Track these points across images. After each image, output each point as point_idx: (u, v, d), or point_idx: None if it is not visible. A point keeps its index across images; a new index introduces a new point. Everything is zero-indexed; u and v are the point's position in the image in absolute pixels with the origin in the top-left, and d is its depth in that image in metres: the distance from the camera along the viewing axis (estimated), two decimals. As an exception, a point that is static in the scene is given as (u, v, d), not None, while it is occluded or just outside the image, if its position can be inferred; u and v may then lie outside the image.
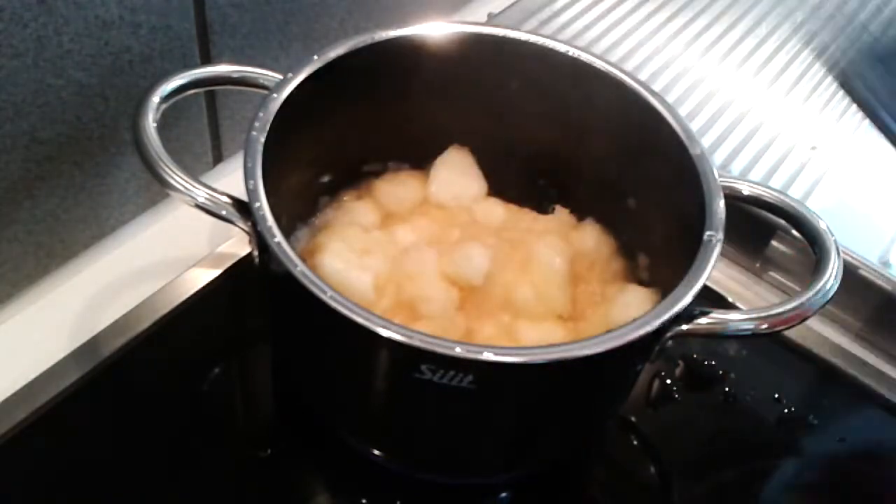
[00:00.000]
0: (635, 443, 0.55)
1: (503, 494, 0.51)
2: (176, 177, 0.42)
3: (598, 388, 0.45)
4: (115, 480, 0.48)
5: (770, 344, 0.59)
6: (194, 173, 0.44)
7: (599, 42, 0.74)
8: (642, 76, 0.70)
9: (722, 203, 0.44)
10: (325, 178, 0.55)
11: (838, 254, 0.44)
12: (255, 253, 0.44)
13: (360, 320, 0.36)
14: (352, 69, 0.48)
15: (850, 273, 0.58)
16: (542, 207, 0.57)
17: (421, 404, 0.42)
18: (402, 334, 0.36)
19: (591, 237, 0.54)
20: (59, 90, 0.49)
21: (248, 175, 0.41)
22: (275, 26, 0.60)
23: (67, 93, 0.50)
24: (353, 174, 0.56)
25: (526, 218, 0.56)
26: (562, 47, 0.50)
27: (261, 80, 0.47)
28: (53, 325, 0.54)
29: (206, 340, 0.55)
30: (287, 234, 0.40)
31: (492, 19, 0.76)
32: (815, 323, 0.60)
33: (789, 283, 0.63)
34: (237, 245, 0.58)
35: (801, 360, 0.59)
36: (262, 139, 0.42)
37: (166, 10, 0.52)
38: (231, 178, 0.63)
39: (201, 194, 0.42)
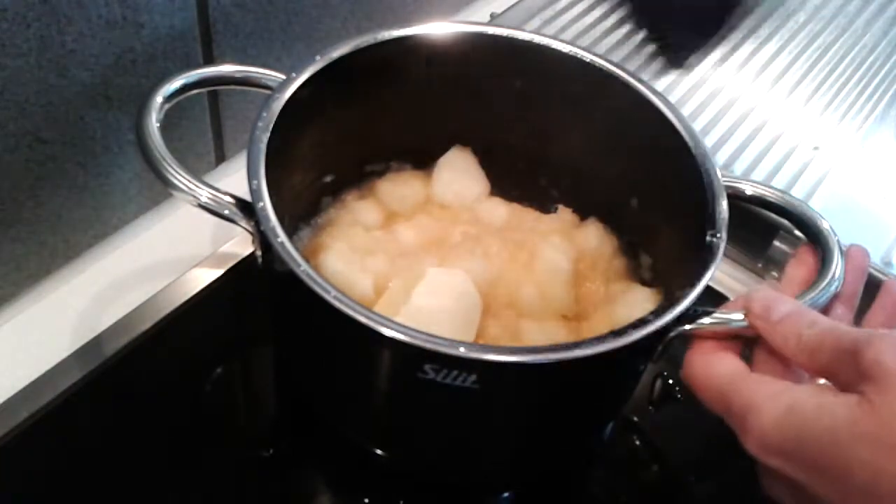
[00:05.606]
0: (637, 443, 0.55)
1: (505, 494, 0.51)
2: (179, 176, 0.42)
3: (601, 387, 0.45)
4: (117, 480, 0.48)
5: (773, 344, 0.58)
6: (197, 173, 0.44)
7: (602, 42, 0.74)
8: (645, 76, 0.70)
9: (725, 203, 0.44)
10: (328, 178, 0.55)
11: (841, 254, 0.44)
12: (258, 253, 0.44)
13: (363, 320, 0.36)
14: (354, 69, 0.48)
15: (853, 273, 0.58)
16: (545, 207, 0.57)
17: (424, 404, 0.42)
18: (406, 334, 0.36)
19: (593, 237, 0.54)
20: (62, 90, 0.49)
21: (251, 175, 0.41)
22: (277, 26, 0.60)
23: (70, 92, 0.50)
24: (356, 174, 0.56)
25: (529, 217, 0.56)
26: (564, 47, 0.50)
27: (263, 80, 0.47)
28: (56, 324, 0.54)
29: (209, 340, 0.55)
30: (290, 233, 0.40)
31: (494, 19, 0.76)
32: (817, 323, 0.60)
33: (792, 284, 0.63)
34: (240, 245, 0.58)
35: (804, 361, 0.58)
36: (265, 139, 0.42)
37: (169, 9, 0.52)
38: (234, 178, 0.63)
39: (204, 194, 0.42)
